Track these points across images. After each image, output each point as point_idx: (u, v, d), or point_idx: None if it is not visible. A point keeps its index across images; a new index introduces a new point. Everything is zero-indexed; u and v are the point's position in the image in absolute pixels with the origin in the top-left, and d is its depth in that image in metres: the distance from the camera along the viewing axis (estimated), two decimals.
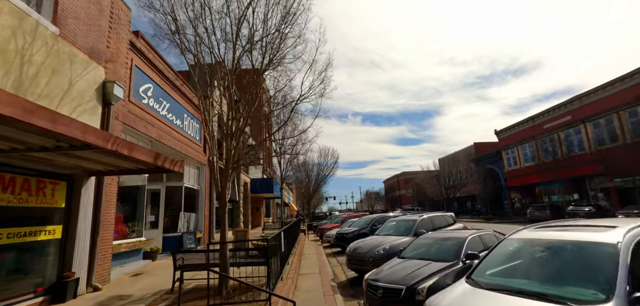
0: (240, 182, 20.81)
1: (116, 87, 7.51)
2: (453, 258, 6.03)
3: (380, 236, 10.22)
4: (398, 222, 11.02)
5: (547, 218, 25.39)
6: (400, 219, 11.13)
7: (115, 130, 7.82)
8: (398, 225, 10.82)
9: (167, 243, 11.69)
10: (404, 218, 10.98)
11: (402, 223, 10.65)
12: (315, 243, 19.52)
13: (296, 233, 17.51)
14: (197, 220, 13.98)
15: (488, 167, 44.41)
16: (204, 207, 14.23)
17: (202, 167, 14.60)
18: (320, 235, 21.80)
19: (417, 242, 7.25)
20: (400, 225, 10.71)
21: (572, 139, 31.17)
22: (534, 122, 36.54)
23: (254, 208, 29.41)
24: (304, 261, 12.47)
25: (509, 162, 40.64)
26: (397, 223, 11.01)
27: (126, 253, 8.31)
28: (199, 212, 14.08)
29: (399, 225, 10.77)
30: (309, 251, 15.59)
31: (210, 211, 14.86)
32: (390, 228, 11.00)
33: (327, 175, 38.42)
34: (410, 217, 10.90)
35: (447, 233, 7.19)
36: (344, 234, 15.86)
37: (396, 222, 11.15)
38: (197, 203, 14.13)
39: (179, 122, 12.35)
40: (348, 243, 15.73)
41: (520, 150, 38.45)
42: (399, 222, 10.97)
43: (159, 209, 11.84)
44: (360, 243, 9.85)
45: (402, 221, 10.83)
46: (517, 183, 38.96)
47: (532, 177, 36.19)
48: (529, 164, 36.92)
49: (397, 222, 10.99)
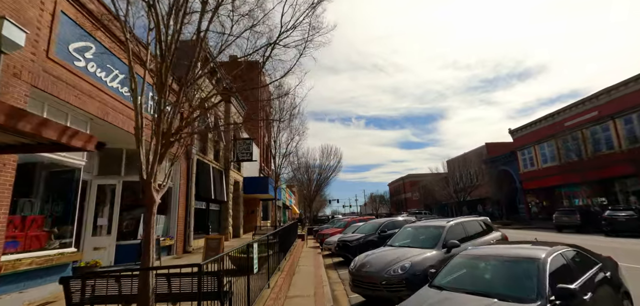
0: (230, 180, 18.33)
1: (10, 28, 5.06)
2: (533, 295, 3.47)
3: (395, 248, 7.66)
4: (417, 228, 8.44)
5: (577, 224, 22.61)
6: (419, 225, 8.54)
7: (12, 91, 5.35)
8: (418, 232, 8.25)
9: (124, 253, 9.24)
10: (425, 224, 8.40)
11: (424, 230, 8.08)
12: (314, 250, 16.97)
13: (291, 239, 15.00)
14: (168, 223, 11.51)
15: (501, 169, 41.58)
16: (177, 207, 11.77)
17: (177, 159, 12.12)
18: (320, 241, 19.24)
19: (459, 262, 4.70)
20: (420, 232, 8.14)
21: (599, 137, 28.34)
22: (553, 119, 33.73)
23: (249, 210, 26.91)
24: (297, 276, 9.93)
25: (525, 162, 37.82)
26: (415, 230, 8.44)
27: (35, 273, 5.85)
28: (170, 213, 11.62)
29: (418, 233, 8.21)
30: (306, 262, 13.03)
31: (186, 213, 12.38)
32: (406, 236, 8.44)
33: (330, 176, 35.83)
34: (434, 222, 8.30)
35: (509, 250, 4.61)
36: (347, 242, 13.30)
37: (414, 228, 8.58)
38: (169, 203, 11.68)
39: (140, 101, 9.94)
40: (352, 253, 13.16)
41: (538, 150, 35.64)
42: (418, 229, 8.40)
43: (113, 209, 9.38)
44: (369, 258, 7.29)
45: (423, 228, 8.26)
46: (534, 185, 36.14)
47: (551, 179, 33.37)
48: (548, 165, 34.07)
49: (416, 229, 8.42)
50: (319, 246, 18.73)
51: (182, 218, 12.03)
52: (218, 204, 17.48)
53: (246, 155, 18.66)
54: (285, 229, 12.55)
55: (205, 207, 15.53)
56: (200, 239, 14.57)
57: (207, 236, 9.75)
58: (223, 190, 17.12)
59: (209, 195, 14.80)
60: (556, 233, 21.94)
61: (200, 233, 14.81)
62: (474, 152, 48.52)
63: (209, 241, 8.63)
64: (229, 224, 17.85)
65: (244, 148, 18.73)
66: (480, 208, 49.44)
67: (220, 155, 17.86)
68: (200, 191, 13.91)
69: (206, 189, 14.52)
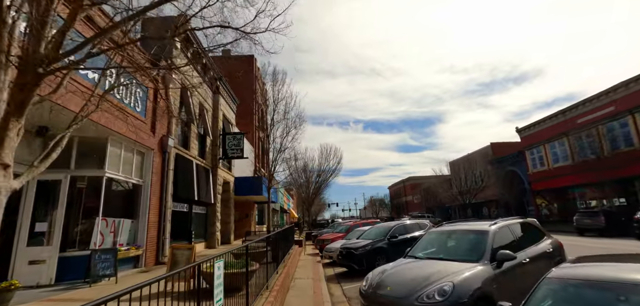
0: (218, 179, 16.33)
1: None
2: None
3: (420, 261, 5.72)
4: (448, 234, 6.49)
5: (601, 227, 20.73)
6: (450, 230, 6.56)
7: None
8: (449, 239, 6.32)
9: (68, 268, 7.25)
10: (458, 229, 6.42)
11: (460, 236, 6.13)
12: (313, 258, 14.99)
13: (287, 246, 13.03)
14: (135, 229, 9.51)
15: (509, 169, 39.77)
16: (148, 210, 9.78)
17: (148, 152, 10.18)
18: (319, 248, 17.24)
19: (551, 290, 2.75)
20: (454, 239, 6.22)
21: (616, 134, 26.55)
22: (565, 116, 31.95)
23: (242, 214, 24.89)
24: (292, 294, 7.97)
25: (534, 162, 36.00)
26: (445, 236, 6.50)
27: None
28: (139, 217, 9.63)
29: (450, 240, 6.28)
30: (304, 272, 11.05)
31: (160, 217, 10.39)
32: (433, 243, 6.50)
33: (329, 178, 33.83)
34: (470, 225, 6.33)
35: None
36: (351, 249, 11.34)
37: (442, 234, 6.62)
38: (137, 204, 9.69)
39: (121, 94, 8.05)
40: (357, 262, 11.17)
41: (548, 149, 33.83)
42: (448, 235, 6.45)
43: (56, 212, 7.39)
44: (388, 275, 5.36)
45: (457, 233, 6.31)
46: (544, 186, 34.34)
47: (563, 179, 31.57)
48: (560, 164, 32.26)
49: (447, 235, 6.46)
50: (319, 254, 16.75)
51: (154, 223, 10.03)
52: (204, 206, 15.48)
53: (237, 151, 16.69)
54: (280, 234, 10.59)
55: (187, 210, 13.53)
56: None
57: (175, 245, 7.78)
58: (209, 191, 15.13)
59: (191, 195, 12.81)
60: (578, 237, 20.05)
61: (180, 241, 12.79)
62: (478, 152, 46.77)
63: (175, 252, 6.66)
64: (216, 229, 15.83)
65: (234, 144, 16.76)
66: (485, 210, 47.62)
67: (207, 151, 15.89)
68: (180, 191, 11.93)
69: (187, 189, 12.54)
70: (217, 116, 17.06)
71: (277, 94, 15.89)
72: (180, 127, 13.50)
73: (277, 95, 15.88)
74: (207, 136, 15.63)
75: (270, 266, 8.19)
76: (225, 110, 18.49)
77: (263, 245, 9.22)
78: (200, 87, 15.29)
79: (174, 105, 11.88)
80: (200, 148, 15.64)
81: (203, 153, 15.64)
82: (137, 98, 9.53)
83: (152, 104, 10.50)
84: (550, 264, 6.07)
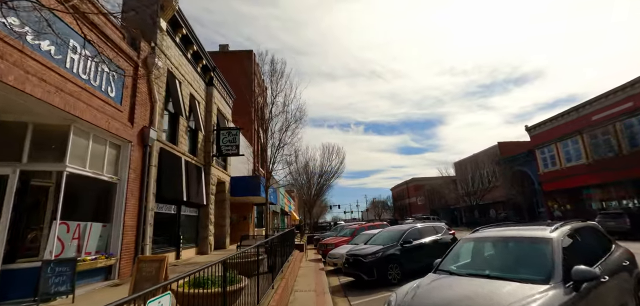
0: (211, 179, 14.94)
1: None
2: None
3: (462, 279, 4.33)
4: (491, 243, 5.04)
5: (625, 229, 19.31)
6: (493, 236, 5.06)
7: None
8: (494, 250, 4.89)
9: (15, 282, 5.87)
10: (506, 235, 4.91)
11: (509, 247, 4.68)
12: (315, 265, 13.58)
13: (286, 251, 11.64)
14: (108, 234, 8.11)
15: (517, 169, 38.30)
16: (124, 212, 8.38)
17: (125, 144, 8.79)
18: (322, 253, 15.83)
19: None
20: (502, 249, 4.78)
21: (636, 130, 25.13)
22: (578, 113, 30.51)
23: (240, 216, 23.49)
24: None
25: (545, 162, 34.52)
26: (488, 245, 5.06)
27: None
28: (113, 221, 8.24)
29: (495, 251, 4.85)
30: (305, 283, 9.64)
31: (139, 219, 9.00)
32: (469, 254, 5.10)
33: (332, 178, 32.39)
34: (523, 231, 4.84)
35: None
36: (359, 256, 9.93)
37: (482, 241, 5.17)
38: (110, 206, 8.30)
39: (76, 67, 6.73)
40: (367, 272, 9.72)
41: (560, 147, 32.36)
42: (493, 244, 5.00)
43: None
44: (422, 299, 3.94)
45: (507, 242, 4.81)
46: (556, 186, 32.88)
47: (577, 179, 30.14)
48: (573, 164, 30.81)
49: (490, 244, 5.02)
50: (322, 259, 15.35)
51: (131, 227, 8.63)
52: (195, 208, 14.09)
53: (232, 148, 15.31)
54: (279, 238, 9.21)
55: (174, 212, 12.14)
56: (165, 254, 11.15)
57: (142, 257, 6.37)
58: (201, 191, 13.74)
59: (179, 195, 11.43)
60: None
61: (165, 246, 11.40)
62: (485, 152, 45.33)
63: (142, 265, 5.27)
64: (209, 233, 14.42)
65: (229, 140, 15.37)
66: (492, 212, 46.12)
67: (199, 147, 14.51)
68: (165, 190, 10.55)
69: (174, 188, 11.16)
70: (210, 110, 15.69)
71: (276, 85, 14.54)
72: (168, 120, 12.13)
73: (276, 86, 14.53)
74: (199, 131, 14.26)
75: (265, 278, 6.81)
76: (219, 104, 17.13)
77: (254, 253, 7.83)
78: (190, 76, 13.93)
79: (158, 93, 10.52)
80: (192, 144, 14.27)
81: (194, 149, 14.27)
82: (110, 81, 8.16)
83: (131, 90, 9.13)
84: (630, 280, 4.66)
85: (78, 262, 6.81)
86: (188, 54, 13.48)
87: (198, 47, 13.83)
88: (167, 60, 11.55)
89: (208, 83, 15.89)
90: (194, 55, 14.13)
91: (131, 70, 9.22)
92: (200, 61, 14.62)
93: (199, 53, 14.17)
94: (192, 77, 13.92)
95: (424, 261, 10.57)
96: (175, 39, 12.29)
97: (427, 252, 10.71)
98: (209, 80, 15.92)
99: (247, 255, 6.46)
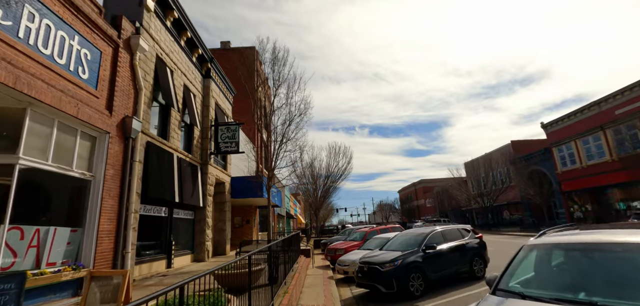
0: (208, 179, 13.65)
1: None
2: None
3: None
4: (581, 252, 3.57)
5: None
6: (586, 241, 3.59)
7: None
8: (591, 263, 3.44)
9: None
10: (610, 241, 3.45)
11: (622, 259, 3.21)
12: (323, 273, 12.19)
13: (291, 258, 10.30)
14: (79, 243, 6.83)
15: (533, 169, 36.53)
16: (99, 215, 7.12)
17: (102, 136, 7.54)
18: (330, 259, 14.46)
19: None
20: (601, 264, 3.32)
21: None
22: (599, 108, 28.77)
23: (243, 220, 22.20)
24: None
25: (563, 160, 32.72)
26: (577, 257, 3.60)
27: None
28: (87, 225, 6.97)
29: (593, 265, 3.40)
30: (313, 296, 8.25)
31: (119, 223, 7.72)
32: (545, 269, 3.69)
33: (339, 179, 30.96)
34: (633, 235, 3.43)
35: None
36: (375, 265, 8.54)
37: (574, 253, 3.69)
38: (82, 207, 7.04)
39: (33, 38, 5.52)
40: (385, 284, 8.31)
41: (580, 144, 30.57)
42: (586, 254, 3.54)
43: None
44: None
45: (615, 253, 3.32)
46: (576, 186, 31.12)
47: (600, 178, 28.37)
48: (595, 161, 29.01)
49: (580, 254, 3.57)
50: (330, 266, 13.98)
51: (108, 233, 7.34)
52: (191, 211, 12.81)
53: (231, 145, 14.03)
54: (282, 244, 7.88)
55: (165, 214, 10.85)
56: (153, 262, 9.86)
57: (95, 272, 5.07)
58: (197, 192, 12.46)
59: (170, 196, 10.16)
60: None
61: (153, 254, 10.11)
62: (497, 151, 43.61)
63: (95, 283, 3.97)
64: (206, 238, 13.11)
65: (228, 136, 14.09)
66: (506, 214, 44.29)
67: (195, 144, 13.24)
68: (153, 190, 9.28)
69: (164, 187, 9.89)
70: (208, 104, 14.43)
71: (278, 75, 13.26)
72: (159, 112, 10.90)
73: (278, 76, 13.25)
74: (194, 126, 13.00)
75: (263, 293, 5.48)
76: (218, 98, 15.88)
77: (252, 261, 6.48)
78: (184, 65, 12.71)
79: (144, 79, 9.28)
80: (187, 140, 13.02)
81: (190, 146, 13.01)
82: (81, 61, 6.92)
83: (110, 73, 7.89)
84: None
85: (35, 276, 5.54)
86: (181, 41, 12.26)
87: (192, 33, 12.61)
88: (156, 45, 10.33)
89: (205, 76, 14.66)
90: (189, 43, 12.91)
91: (110, 52, 7.99)
92: (195, 50, 13.39)
93: (194, 41, 12.94)
94: (186, 66, 12.69)
95: (450, 269, 9.16)
96: (166, 23, 11.08)
97: (453, 259, 9.31)
98: (206, 72, 14.69)
99: (244, 264, 5.16)
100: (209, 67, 14.63)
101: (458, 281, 9.29)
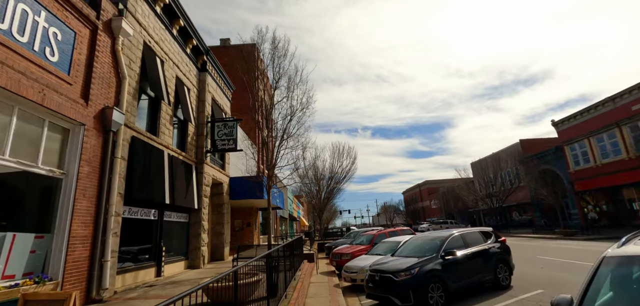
0: (204, 179, 12.70)
1: None
2: None
3: None
4: None
5: None
6: None
7: None
8: None
9: None
10: None
11: None
12: (329, 279, 11.19)
13: (293, 265, 9.33)
14: (47, 251, 5.89)
15: (544, 168, 35.30)
16: (70, 218, 6.18)
17: (77, 127, 6.61)
18: (336, 265, 13.44)
19: None
20: None
21: None
22: (614, 104, 27.61)
23: (244, 222, 21.23)
24: None
25: (576, 159, 31.53)
26: None
27: None
28: (56, 231, 6.04)
29: None
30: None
31: (96, 228, 6.77)
32: (627, 287, 2.63)
33: (344, 180, 29.92)
34: None
35: None
36: (389, 273, 7.52)
37: None
38: (52, 210, 6.11)
39: (8, 25, 4.62)
40: (401, 296, 7.14)
41: (594, 142, 29.38)
42: None
43: None
44: None
45: None
46: (590, 186, 29.93)
47: (615, 177, 27.20)
48: (610, 160, 27.81)
49: None
50: (336, 272, 12.95)
51: (82, 239, 6.39)
52: (185, 213, 11.86)
53: (228, 142, 13.09)
54: (283, 249, 6.91)
55: (155, 217, 9.89)
56: (140, 271, 8.89)
57: (30, 295, 4.13)
58: (191, 192, 11.51)
59: (160, 197, 9.21)
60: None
61: (140, 262, 9.12)
62: (506, 150, 42.48)
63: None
64: (202, 243, 12.14)
65: (225, 133, 13.16)
66: (515, 215, 43.06)
67: (189, 142, 12.31)
68: (139, 190, 8.33)
69: (153, 188, 8.94)
70: (203, 99, 13.50)
71: (279, 67, 12.31)
72: (148, 106, 9.97)
73: (279, 68, 12.30)
74: (189, 122, 12.07)
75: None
76: (215, 94, 14.95)
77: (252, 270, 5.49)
78: (177, 56, 11.80)
79: (129, 68, 8.36)
80: (180, 137, 12.09)
81: (183, 144, 12.08)
82: (50, 41, 6.00)
83: (86, 58, 6.96)
84: None
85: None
86: (173, 30, 11.35)
87: (186, 22, 11.70)
88: (144, 31, 9.41)
89: (201, 69, 13.74)
90: (182, 33, 12.00)
91: (87, 34, 7.06)
92: (189, 41, 12.47)
93: (188, 30, 12.03)
94: (179, 58, 11.78)
95: (472, 278, 8.08)
96: (155, 8, 10.16)
97: (476, 266, 8.26)
98: (202, 65, 13.77)
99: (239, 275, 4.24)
100: (205, 59, 13.71)
101: (481, 291, 8.26)
